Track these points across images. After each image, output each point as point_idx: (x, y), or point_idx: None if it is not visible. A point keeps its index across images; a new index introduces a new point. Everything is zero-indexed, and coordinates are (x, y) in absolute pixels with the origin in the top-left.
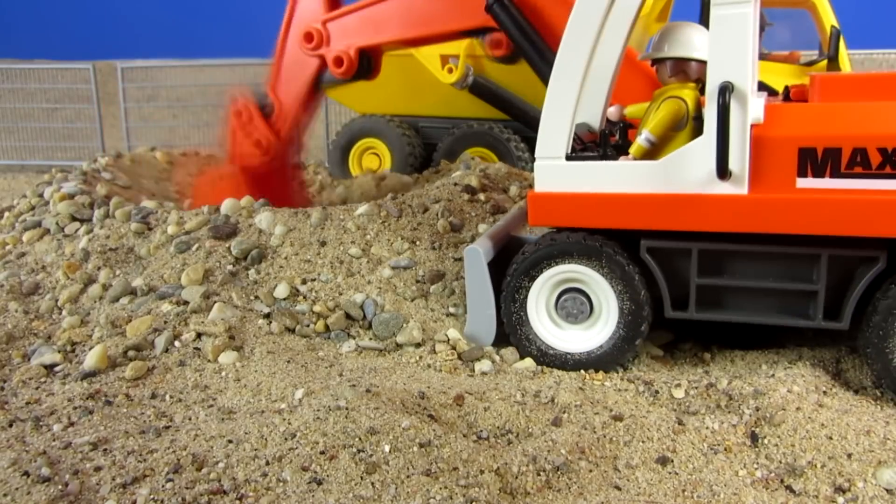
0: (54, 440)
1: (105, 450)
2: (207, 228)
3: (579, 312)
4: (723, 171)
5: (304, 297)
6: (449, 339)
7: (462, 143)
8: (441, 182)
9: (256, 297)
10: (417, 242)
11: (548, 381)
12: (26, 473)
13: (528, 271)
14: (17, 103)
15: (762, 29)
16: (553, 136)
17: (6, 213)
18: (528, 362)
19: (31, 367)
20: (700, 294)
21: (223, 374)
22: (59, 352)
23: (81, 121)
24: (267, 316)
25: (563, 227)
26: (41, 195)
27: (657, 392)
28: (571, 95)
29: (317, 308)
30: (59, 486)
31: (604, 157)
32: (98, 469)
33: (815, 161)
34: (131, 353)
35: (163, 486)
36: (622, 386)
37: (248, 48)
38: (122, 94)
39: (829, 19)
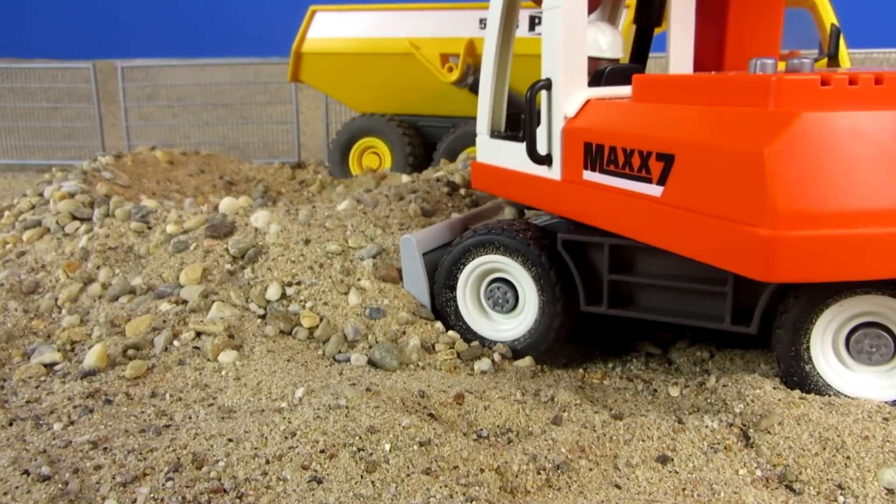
0: (54, 439)
1: (105, 448)
2: (205, 228)
3: (505, 301)
4: (530, 155)
5: (292, 300)
6: (451, 341)
7: (462, 141)
8: (422, 177)
9: (249, 299)
10: (386, 229)
11: (547, 380)
12: (26, 472)
13: (446, 282)
14: (17, 102)
15: None
16: (482, 115)
17: (6, 213)
18: (528, 361)
19: (31, 366)
20: (613, 290)
21: (223, 372)
22: (58, 351)
23: (81, 120)
24: (263, 317)
25: (492, 193)
26: (41, 194)
27: (656, 391)
28: (488, 82)
29: (305, 322)
30: (59, 485)
31: (509, 136)
32: (98, 468)
33: (591, 155)
34: (131, 353)
35: (163, 485)
36: (621, 385)
37: (248, 48)
38: (122, 94)
39: (830, 18)
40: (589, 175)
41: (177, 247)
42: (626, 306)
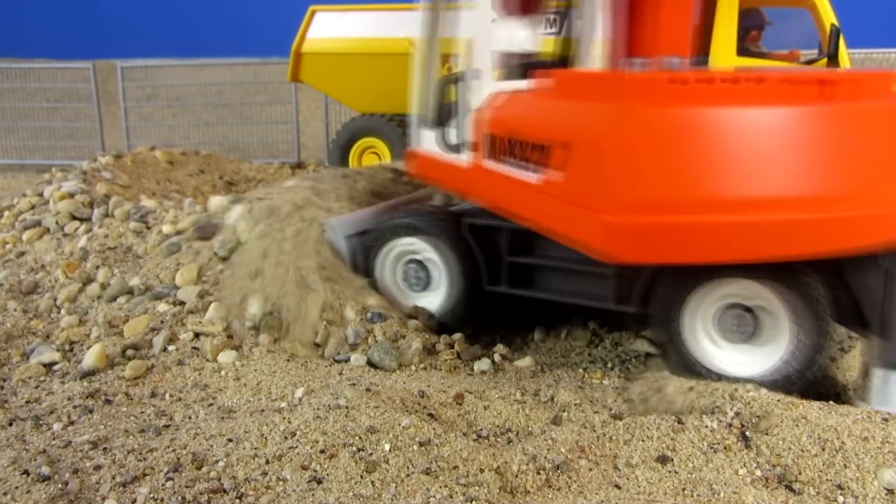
0: (54, 439)
1: (105, 448)
2: (193, 229)
3: (418, 279)
4: (444, 144)
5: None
6: (451, 342)
7: None
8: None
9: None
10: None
11: (547, 380)
12: (26, 472)
13: (365, 263)
14: (17, 102)
15: (762, 28)
16: (416, 105)
17: (6, 213)
18: (528, 360)
19: (30, 366)
20: (513, 271)
21: (223, 373)
22: (57, 351)
23: (81, 120)
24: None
25: (424, 179)
26: (41, 194)
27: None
28: (420, 74)
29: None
30: (59, 485)
31: (434, 126)
32: (98, 468)
33: (491, 145)
34: (130, 353)
35: (163, 485)
36: (621, 384)
37: (248, 48)
38: (121, 94)
39: (829, 18)
40: (489, 163)
41: (170, 248)
42: (526, 287)
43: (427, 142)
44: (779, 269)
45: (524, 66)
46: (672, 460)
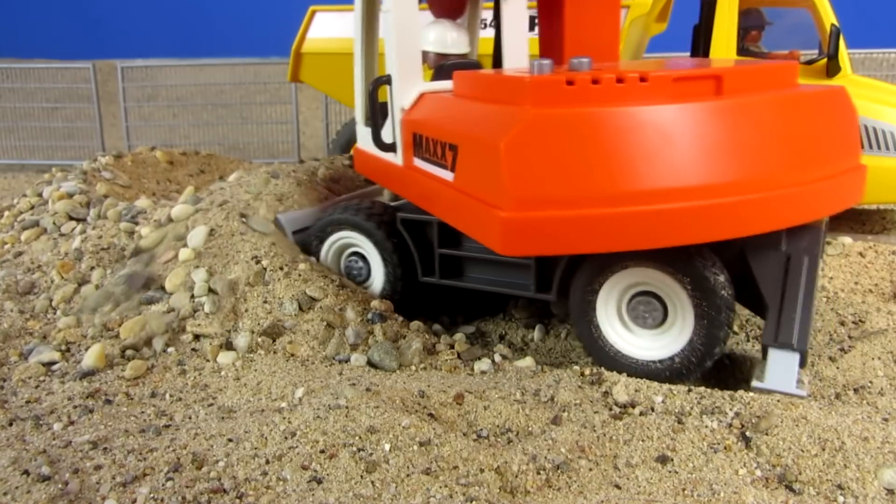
0: (54, 439)
1: (105, 448)
2: (125, 276)
3: (359, 270)
4: (376, 143)
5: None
6: (451, 342)
7: None
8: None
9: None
10: (286, 199)
11: (547, 380)
12: (26, 472)
13: (313, 255)
14: (17, 102)
15: (762, 28)
16: (357, 105)
17: (6, 213)
18: (529, 361)
19: (30, 366)
20: (443, 263)
21: (223, 373)
22: (56, 351)
23: (81, 120)
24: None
25: (367, 176)
26: (41, 194)
27: (656, 391)
28: (359, 75)
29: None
30: (59, 485)
31: (371, 124)
32: (98, 468)
33: (417, 143)
34: (129, 353)
35: (163, 485)
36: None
37: (248, 48)
38: (121, 94)
39: (829, 18)
40: (416, 161)
41: (100, 299)
42: (457, 277)
43: (368, 141)
44: (680, 257)
45: (451, 66)
46: (672, 460)
